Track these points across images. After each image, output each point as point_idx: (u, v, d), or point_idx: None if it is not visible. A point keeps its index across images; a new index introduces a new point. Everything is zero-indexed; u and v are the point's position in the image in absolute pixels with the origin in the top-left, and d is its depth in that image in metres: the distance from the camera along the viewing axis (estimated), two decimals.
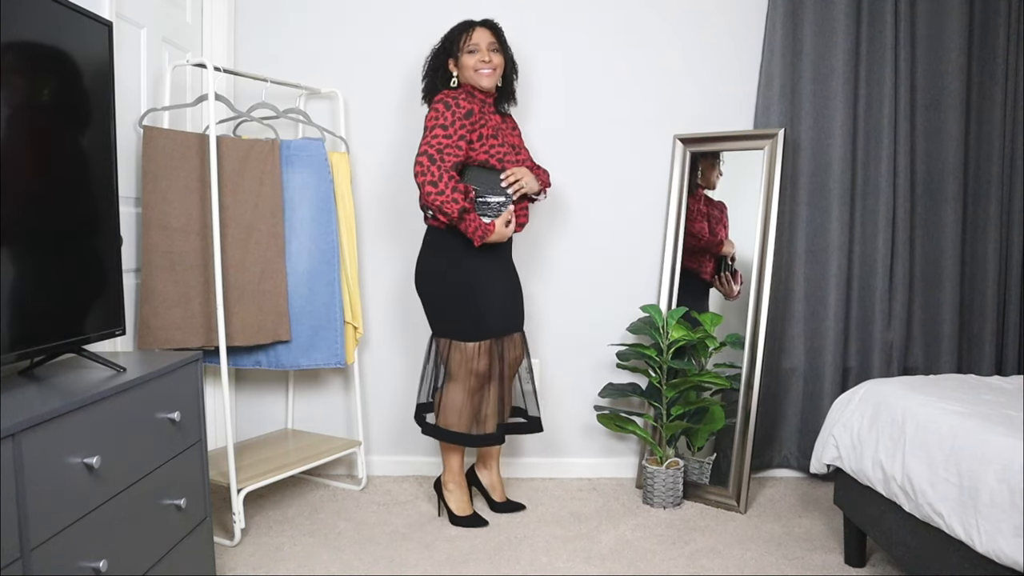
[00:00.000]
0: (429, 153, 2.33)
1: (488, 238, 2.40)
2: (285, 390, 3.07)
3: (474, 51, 2.46)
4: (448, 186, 2.31)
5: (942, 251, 2.99)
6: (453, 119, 2.36)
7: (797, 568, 2.25)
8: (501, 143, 2.50)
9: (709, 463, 2.80)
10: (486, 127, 2.46)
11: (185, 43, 2.69)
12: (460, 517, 2.56)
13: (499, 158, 2.47)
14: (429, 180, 2.31)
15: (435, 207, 2.33)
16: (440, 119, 2.36)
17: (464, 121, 2.38)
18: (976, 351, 3.06)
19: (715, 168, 2.96)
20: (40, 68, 1.56)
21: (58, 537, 1.34)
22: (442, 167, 2.32)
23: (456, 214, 2.33)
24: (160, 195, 2.35)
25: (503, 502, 2.68)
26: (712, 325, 2.76)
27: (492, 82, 2.49)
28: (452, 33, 2.51)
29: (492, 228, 2.41)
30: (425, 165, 2.32)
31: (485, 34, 2.48)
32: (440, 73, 2.52)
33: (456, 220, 2.36)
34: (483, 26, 2.50)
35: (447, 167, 2.33)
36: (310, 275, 2.66)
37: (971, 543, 1.61)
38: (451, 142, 2.35)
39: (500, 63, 2.50)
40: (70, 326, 1.66)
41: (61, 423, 1.37)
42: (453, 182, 2.32)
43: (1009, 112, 2.97)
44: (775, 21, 2.88)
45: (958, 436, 1.72)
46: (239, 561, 2.28)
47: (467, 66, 2.46)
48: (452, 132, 2.35)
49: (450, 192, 2.31)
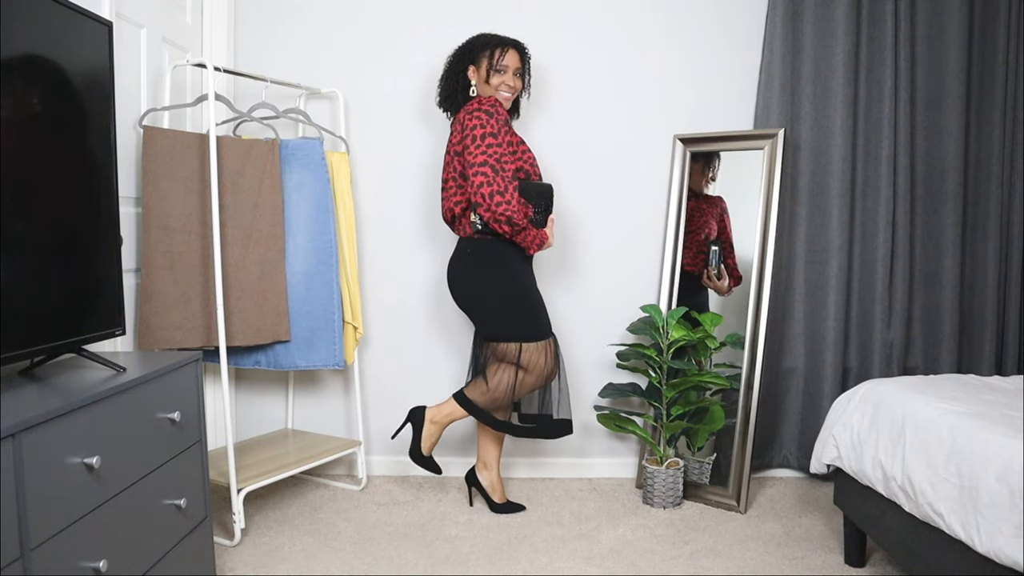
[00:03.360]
0: (490, 163, 2.33)
1: (544, 246, 2.48)
2: (285, 390, 3.07)
3: (502, 72, 2.52)
4: (514, 196, 2.34)
5: (942, 251, 2.99)
6: (499, 127, 2.37)
7: (797, 568, 2.25)
8: (527, 151, 2.56)
9: (709, 463, 2.80)
10: (513, 135, 2.53)
11: (185, 43, 2.69)
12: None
13: (532, 165, 2.54)
14: (497, 190, 2.31)
15: (504, 217, 2.34)
16: (487, 127, 2.36)
17: (507, 128, 2.44)
18: (976, 351, 3.06)
19: (706, 172, 2.96)
20: (40, 68, 1.56)
21: (58, 537, 1.34)
22: (505, 177, 2.33)
23: (523, 223, 2.38)
24: (160, 195, 2.35)
25: (503, 503, 2.68)
26: (712, 325, 2.76)
27: (508, 105, 2.57)
28: (480, 44, 2.54)
29: (546, 237, 2.48)
30: (490, 176, 2.32)
31: (515, 58, 2.54)
32: (461, 78, 2.57)
33: (517, 228, 2.38)
34: (514, 48, 2.55)
35: (508, 176, 2.34)
36: (308, 275, 2.66)
37: (971, 543, 1.61)
38: (503, 150, 2.36)
39: (519, 87, 2.59)
40: (70, 326, 1.66)
41: (61, 423, 1.36)
42: (515, 191, 2.36)
43: (1009, 112, 2.97)
44: (775, 21, 2.88)
45: (958, 436, 1.72)
46: (239, 561, 2.28)
47: (491, 83, 2.52)
48: (502, 140, 2.37)
49: (516, 203, 2.35)
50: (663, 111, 3.00)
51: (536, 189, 2.49)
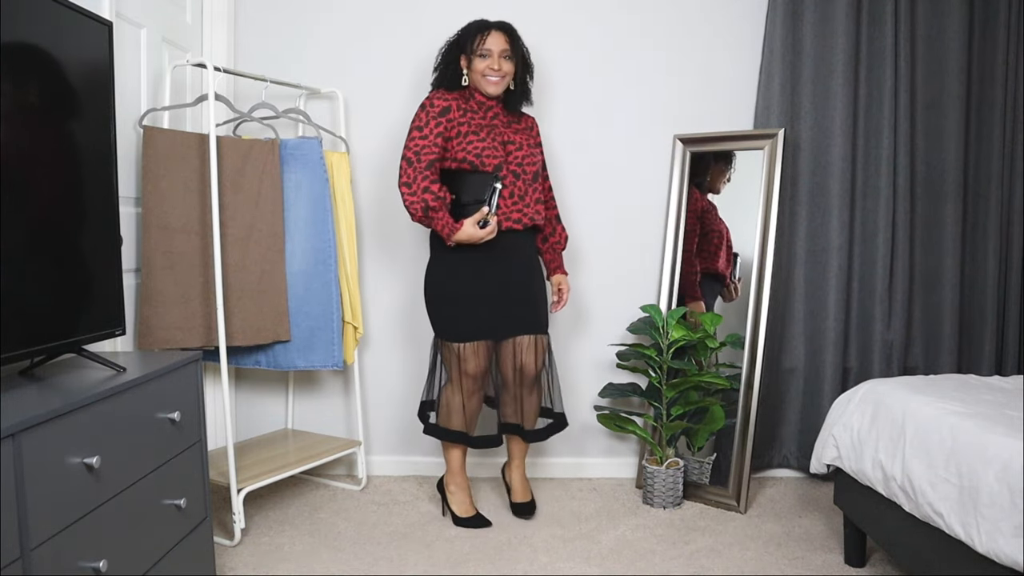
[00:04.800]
0: (407, 156, 2.40)
1: (456, 236, 2.37)
2: (285, 390, 3.07)
3: (485, 56, 2.43)
4: (420, 186, 2.36)
5: (942, 251, 2.99)
6: (427, 119, 2.41)
7: (797, 568, 2.25)
8: (487, 141, 2.44)
9: (709, 463, 2.80)
10: (467, 124, 2.44)
11: (185, 43, 2.69)
12: (462, 518, 2.56)
13: (476, 155, 2.42)
14: (404, 181, 2.38)
15: (405, 206, 2.39)
16: (417, 121, 2.42)
17: (439, 119, 2.40)
18: (976, 351, 3.06)
19: (725, 174, 2.95)
20: (40, 68, 1.56)
21: (58, 537, 1.34)
22: (418, 168, 2.37)
23: (420, 212, 2.37)
24: (160, 195, 2.34)
25: (521, 503, 2.64)
26: (712, 325, 2.76)
27: (498, 89, 2.48)
28: (467, 31, 2.48)
29: (459, 227, 2.38)
30: (404, 168, 2.39)
31: (499, 39, 2.45)
32: (452, 68, 2.50)
33: (423, 219, 2.39)
34: (498, 30, 2.47)
35: (422, 167, 2.37)
36: (306, 276, 2.65)
37: (971, 543, 1.61)
38: (427, 142, 2.39)
39: (510, 71, 2.48)
40: (70, 326, 1.66)
41: (61, 423, 1.36)
42: (426, 183, 2.35)
43: (1009, 112, 2.97)
44: (775, 21, 2.88)
45: (958, 436, 1.72)
46: (239, 561, 2.28)
47: (476, 69, 2.45)
48: (428, 132, 2.40)
49: (420, 193, 2.35)
50: (663, 111, 3.00)
51: (468, 180, 2.43)
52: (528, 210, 2.51)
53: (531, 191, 2.51)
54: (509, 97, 2.54)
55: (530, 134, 2.61)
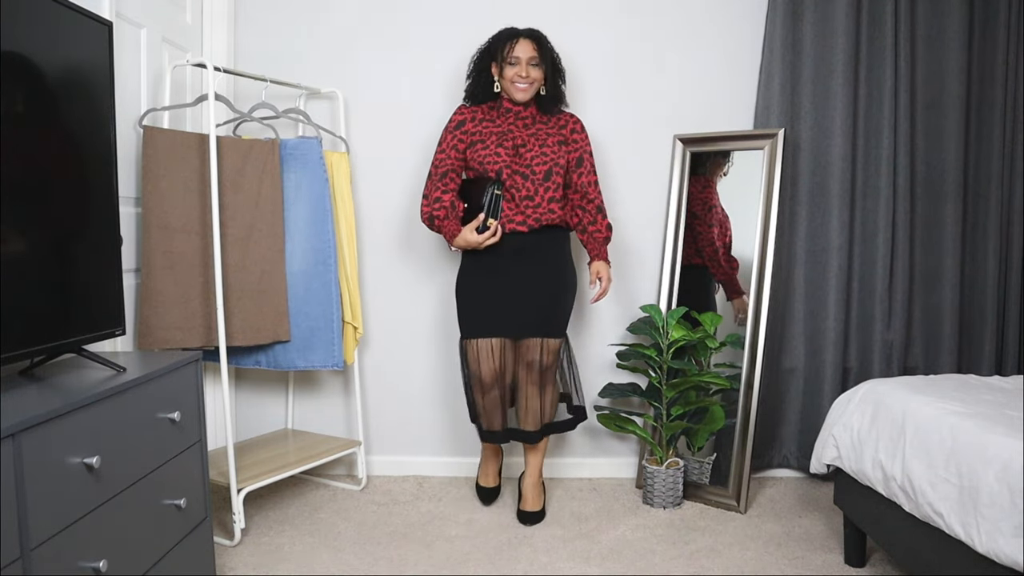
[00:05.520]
0: (430, 171, 2.58)
1: (455, 241, 2.51)
2: (285, 390, 3.07)
3: (514, 63, 2.51)
4: (432, 197, 2.53)
5: (942, 251, 2.99)
6: (445, 134, 2.58)
7: (797, 568, 2.25)
8: (490, 148, 2.50)
9: (709, 463, 2.80)
10: (479, 134, 2.54)
11: (185, 43, 2.69)
12: (477, 484, 2.80)
13: (480, 162, 2.52)
14: (424, 193, 2.57)
15: (423, 217, 2.56)
16: (441, 136, 2.60)
17: (455, 132, 2.56)
18: (976, 351, 3.06)
19: (722, 167, 2.97)
20: (40, 68, 1.56)
21: (58, 537, 1.34)
22: (434, 179, 2.55)
23: (425, 220, 2.55)
24: (160, 195, 2.34)
25: (526, 511, 2.60)
26: (712, 325, 2.76)
27: (527, 96, 2.54)
28: (497, 39, 2.55)
29: (455, 233, 2.50)
30: (426, 181, 2.58)
31: (527, 47, 2.51)
32: (484, 76, 2.58)
33: (432, 227, 2.55)
34: (527, 38, 2.53)
35: (437, 179, 2.54)
36: (306, 276, 2.65)
37: (971, 543, 1.61)
38: (444, 156, 2.56)
39: (538, 77, 2.54)
40: (70, 326, 1.66)
41: (61, 423, 1.36)
42: (438, 193, 2.53)
43: (1009, 112, 2.97)
44: (775, 21, 2.88)
45: (958, 436, 1.72)
46: (239, 561, 2.28)
47: (506, 76, 2.52)
48: (445, 146, 2.57)
49: (431, 203, 2.53)
50: (663, 111, 3.00)
51: (475, 187, 2.52)
52: (536, 211, 2.51)
53: (542, 191, 2.51)
54: (541, 101, 2.60)
55: (555, 132, 2.58)
